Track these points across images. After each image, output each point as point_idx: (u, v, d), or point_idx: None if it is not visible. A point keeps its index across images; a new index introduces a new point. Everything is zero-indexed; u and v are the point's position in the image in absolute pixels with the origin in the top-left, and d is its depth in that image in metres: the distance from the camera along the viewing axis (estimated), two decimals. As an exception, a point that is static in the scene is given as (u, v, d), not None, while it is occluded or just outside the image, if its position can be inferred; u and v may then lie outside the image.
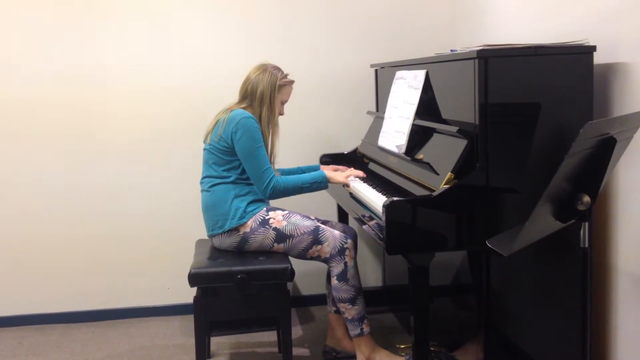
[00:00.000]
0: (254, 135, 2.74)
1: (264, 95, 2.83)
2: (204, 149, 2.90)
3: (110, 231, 3.66)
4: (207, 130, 2.88)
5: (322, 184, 2.85)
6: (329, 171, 2.93)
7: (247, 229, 2.78)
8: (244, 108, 2.83)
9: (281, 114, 2.96)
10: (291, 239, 2.78)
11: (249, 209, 2.80)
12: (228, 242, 2.82)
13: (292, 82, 2.94)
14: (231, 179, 2.81)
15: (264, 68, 2.88)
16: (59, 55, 3.51)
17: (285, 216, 2.82)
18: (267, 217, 2.80)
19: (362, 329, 2.81)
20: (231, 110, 2.81)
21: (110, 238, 3.67)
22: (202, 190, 2.89)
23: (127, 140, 3.61)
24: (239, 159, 2.78)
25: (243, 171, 2.81)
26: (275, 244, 2.79)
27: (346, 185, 2.91)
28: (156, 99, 3.60)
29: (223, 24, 3.60)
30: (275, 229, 2.78)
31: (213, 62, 3.60)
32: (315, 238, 2.78)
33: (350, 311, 2.79)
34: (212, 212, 2.83)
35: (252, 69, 2.91)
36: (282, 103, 2.94)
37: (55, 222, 3.62)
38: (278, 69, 2.91)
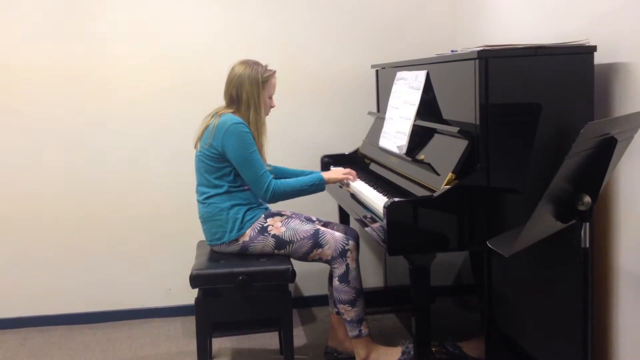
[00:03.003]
0: (246, 141, 2.71)
1: (249, 97, 2.78)
2: (195, 155, 2.86)
3: (112, 232, 3.66)
4: (197, 137, 2.84)
5: (319, 185, 2.83)
6: (326, 172, 2.92)
7: (247, 238, 2.78)
8: (232, 112, 2.80)
9: (272, 106, 2.91)
10: (291, 245, 2.78)
11: (247, 217, 2.78)
12: (228, 250, 2.82)
13: (273, 72, 2.87)
14: (224, 189, 2.78)
15: (243, 66, 2.81)
16: (54, 52, 3.52)
17: (284, 221, 2.81)
18: (265, 225, 2.79)
19: (360, 331, 2.80)
20: (220, 116, 2.77)
21: (111, 239, 3.67)
22: (198, 201, 2.88)
23: (127, 141, 3.61)
24: (229, 165, 2.75)
25: (235, 179, 2.78)
26: (276, 251, 2.79)
27: (345, 185, 2.91)
28: (158, 99, 3.60)
29: (223, 24, 3.60)
30: (274, 236, 2.77)
31: (217, 63, 3.57)
32: (316, 241, 2.77)
33: (350, 313, 2.79)
34: (209, 224, 2.82)
35: (232, 69, 2.84)
36: (270, 97, 2.89)
37: (56, 224, 3.62)
38: (257, 63, 2.84)
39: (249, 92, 2.79)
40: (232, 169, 2.77)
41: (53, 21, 3.48)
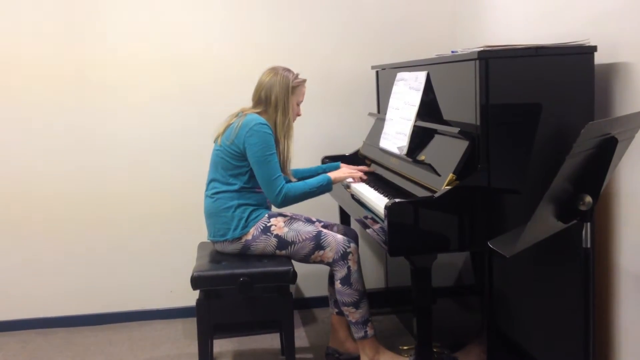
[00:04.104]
0: (267, 143, 2.72)
1: (278, 100, 2.82)
2: (214, 150, 2.88)
3: (113, 234, 3.66)
4: (218, 132, 2.86)
5: (327, 186, 2.84)
6: (333, 172, 2.94)
7: (249, 237, 2.78)
8: (258, 113, 2.82)
9: (298, 114, 2.95)
10: (293, 245, 2.78)
11: (251, 217, 2.79)
12: (230, 248, 2.82)
13: (304, 81, 2.92)
14: (235, 187, 2.79)
15: (274, 72, 2.86)
16: (54, 53, 3.53)
17: (287, 222, 2.82)
18: (268, 224, 2.79)
19: (366, 332, 2.80)
20: (246, 115, 2.80)
21: (112, 241, 3.67)
22: (206, 195, 2.89)
23: (129, 142, 3.61)
24: (247, 165, 2.77)
25: (249, 179, 2.80)
26: (278, 251, 2.79)
27: (345, 187, 2.91)
28: (160, 99, 3.59)
29: (224, 26, 3.60)
30: (276, 236, 2.78)
31: (218, 64, 3.60)
32: (318, 243, 2.77)
33: (355, 314, 2.78)
34: (214, 219, 2.82)
35: (263, 74, 2.88)
36: (298, 104, 2.93)
37: (57, 225, 3.62)
38: (289, 70, 2.89)
39: (278, 95, 2.82)
40: (248, 169, 2.78)
41: (53, 21, 3.49)
